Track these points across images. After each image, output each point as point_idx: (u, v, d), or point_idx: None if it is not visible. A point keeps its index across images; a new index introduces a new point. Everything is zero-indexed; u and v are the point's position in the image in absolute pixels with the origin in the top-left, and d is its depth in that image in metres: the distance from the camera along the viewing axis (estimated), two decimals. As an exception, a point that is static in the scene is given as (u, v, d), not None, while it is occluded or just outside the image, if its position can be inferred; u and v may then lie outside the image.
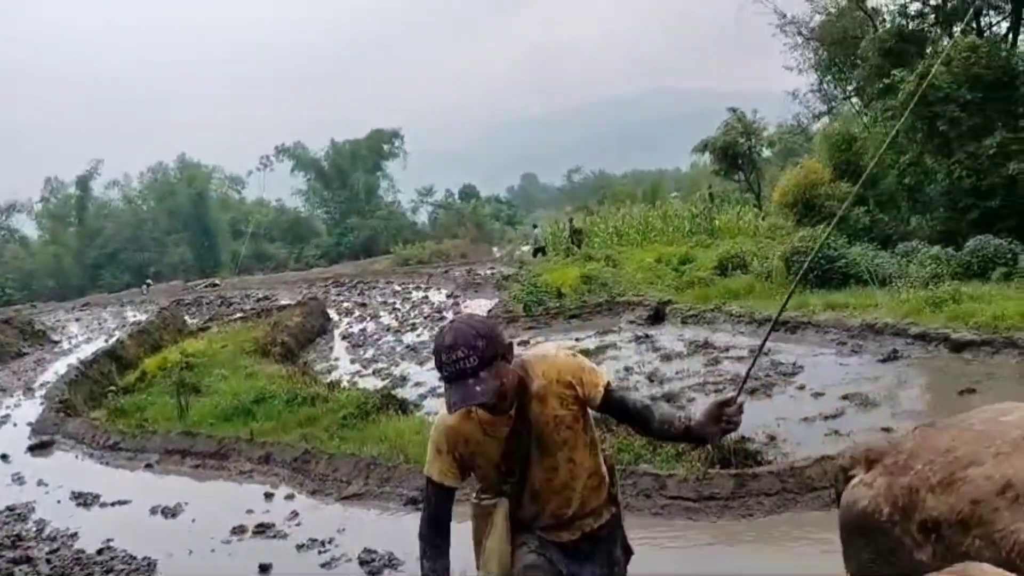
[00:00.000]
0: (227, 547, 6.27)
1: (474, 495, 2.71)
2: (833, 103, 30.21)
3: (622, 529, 2.85)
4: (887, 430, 6.97)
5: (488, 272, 25.02)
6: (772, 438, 7.08)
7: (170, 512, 7.20)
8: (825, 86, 29.50)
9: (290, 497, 7.22)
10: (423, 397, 10.51)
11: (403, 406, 9.10)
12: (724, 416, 2.50)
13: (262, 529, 6.47)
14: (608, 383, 2.63)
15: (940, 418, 2.76)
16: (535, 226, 29.83)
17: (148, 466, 8.92)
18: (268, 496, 7.31)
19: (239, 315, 20.48)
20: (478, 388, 2.28)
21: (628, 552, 2.85)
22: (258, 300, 25.05)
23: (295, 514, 6.73)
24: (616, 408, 2.63)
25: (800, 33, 27.95)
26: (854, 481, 2.51)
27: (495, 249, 45.86)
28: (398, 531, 5.84)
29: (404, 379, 11.86)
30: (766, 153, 36.76)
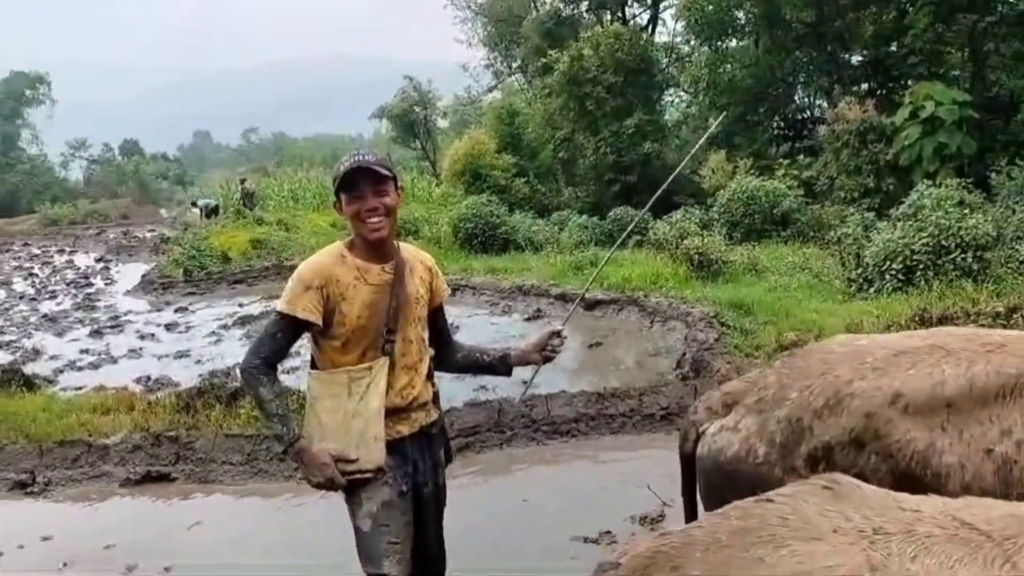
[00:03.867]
0: None
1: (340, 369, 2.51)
2: (500, 78, 31.87)
3: (445, 432, 2.87)
4: (524, 381, 7.54)
5: (147, 235, 23.11)
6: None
7: None
8: (493, 61, 31.02)
9: None
10: (59, 372, 9.43)
11: (28, 382, 8.07)
12: (550, 346, 2.80)
13: None
14: None
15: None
16: (194, 204, 27.86)
17: None
18: None
19: None
20: (370, 157, 2.49)
21: (449, 457, 2.87)
22: None
23: None
24: (441, 321, 2.77)
25: (469, 7, 29.08)
26: (712, 429, 2.32)
27: (163, 211, 42.44)
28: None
29: (37, 352, 10.53)
30: (442, 123, 37.82)
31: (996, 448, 1.91)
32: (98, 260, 19.51)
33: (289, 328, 2.49)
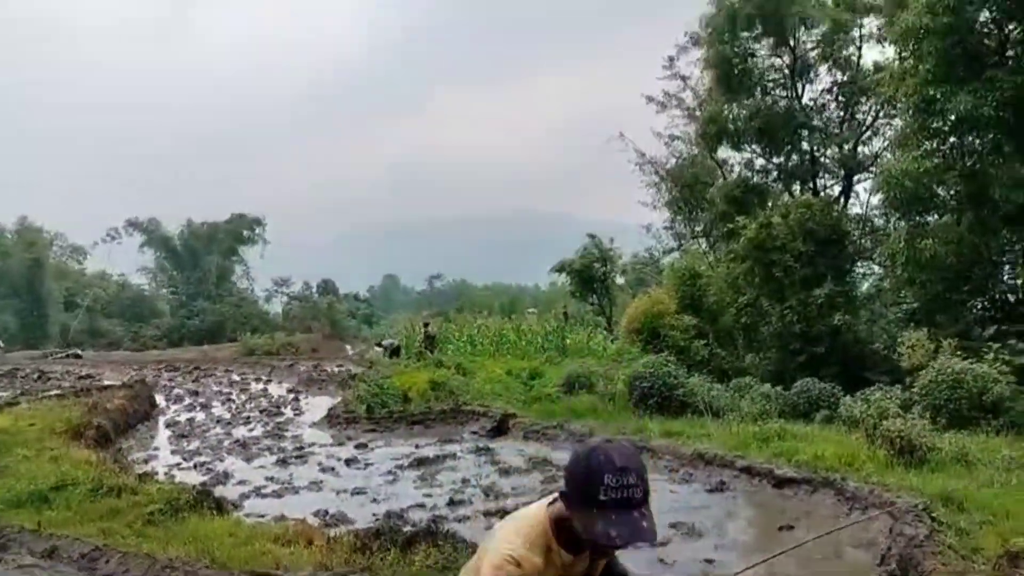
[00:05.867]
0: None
1: None
2: (682, 240, 32.12)
3: None
4: (709, 561, 7.06)
5: (335, 369, 24.33)
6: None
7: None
8: (676, 224, 31.42)
9: (71, 599, 6.44)
10: (244, 497, 9.89)
11: (220, 505, 8.46)
12: None
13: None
14: None
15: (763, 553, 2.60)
16: (378, 344, 29.54)
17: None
18: (45, 597, 6.49)
19: (55, 392, 18.82)
20: (645, 524, 1.92)
21: None
22: (79, 378, 23.20)
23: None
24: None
25: (656, 173, 29.90)
26: None
27: (348, 347, 44.87)
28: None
29: (227, 475, 11.13)
30: (620, 280, 38.27)
31: None
32: (290, 391, 20.67)
33: None
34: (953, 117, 16.86)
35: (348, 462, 11.97)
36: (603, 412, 15.17)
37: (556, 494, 2.11)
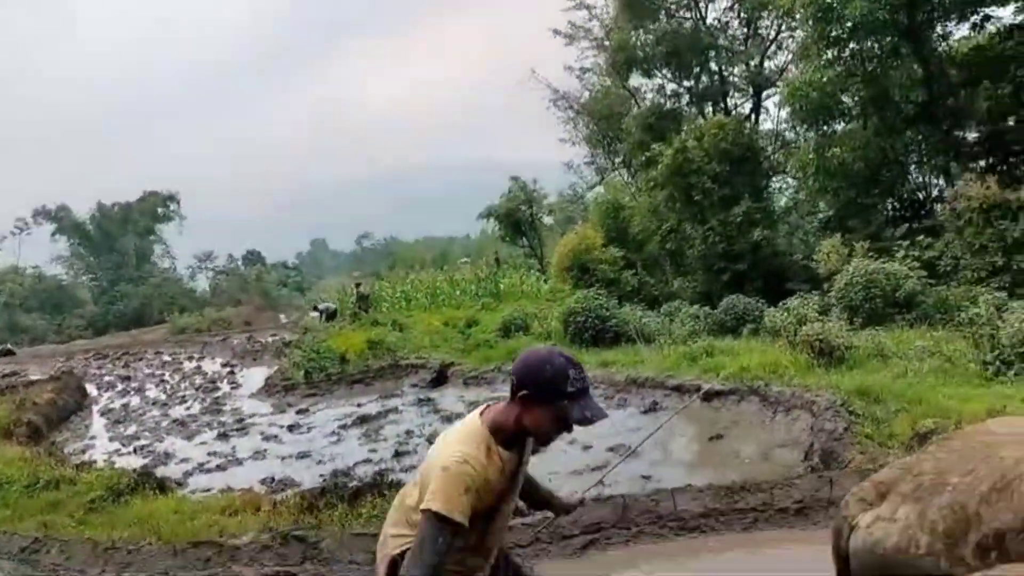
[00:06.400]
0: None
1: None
2: (604, 174, 32.36)
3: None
4: (646, 477, 7.34)
5: (269, 339, 24.08)
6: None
7: None
8: (596, 158, 31.59)
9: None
10: (188, 475, 9.83)
11: (162, 485, 8.40)
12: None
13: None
14: None
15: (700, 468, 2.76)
16: (314, 309, 29.27)
17: None
18: (-13, 596, 6.42)
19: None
20: (599, 404, 2.40)
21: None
22: (3, 376, 22.46)
23: (19, 612, 5.96)
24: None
25: (571, 108, 29.89)
26: (866, 520, 2.18)
27: (282, 316, 44.30)
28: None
29: (168, 455, 11.03)
30: (549, 220, 38.48)
31: None
32: (224, 365, 20.42)
33: (453, 534, 2.30)
34: (850, 24, 17.22)
35: (290, 428, 11.97)
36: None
37: (492, 403, 2.58)
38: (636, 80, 26.55)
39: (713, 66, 24.83)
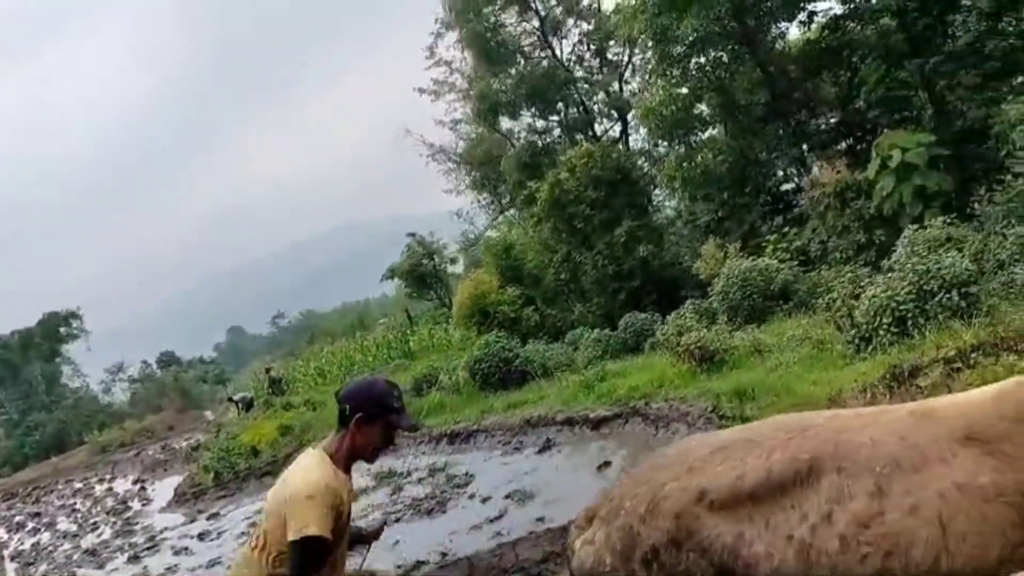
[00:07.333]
0: None
1: None
2: (494, 217, 32.77)
3: None
4: (541, 519, 7.44)
5: (184, 444, 23.40)
6: (444, 554, 7.23)
7: None
8: (484, 202, 32.00)
9: None
10: (99, 605, 9.49)
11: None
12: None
13: None
14: None
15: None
16: (230, 399, 28.67)
17: None
18: None
19: None
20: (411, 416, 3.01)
21: None
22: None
23: None
24: None
25: (449, 159, 30.29)
26: (578, 543, 2.40)
27: (207, 413, 43.08)
28: None
29: (78, 591, 10.62)
30: (458, 268, 38.50)
31: (795, 533, 1.92)
32: (135, 482, 19.72)
33: (319, 549, 2.60)
34: (688, 40, 18.03)
35: (201, 536, 11.67)
36: (452, 404, 15.36)
37: (329, 436, 2.98)
38: (506, 123, 27.14)
39: (576, 97, 25.56)
